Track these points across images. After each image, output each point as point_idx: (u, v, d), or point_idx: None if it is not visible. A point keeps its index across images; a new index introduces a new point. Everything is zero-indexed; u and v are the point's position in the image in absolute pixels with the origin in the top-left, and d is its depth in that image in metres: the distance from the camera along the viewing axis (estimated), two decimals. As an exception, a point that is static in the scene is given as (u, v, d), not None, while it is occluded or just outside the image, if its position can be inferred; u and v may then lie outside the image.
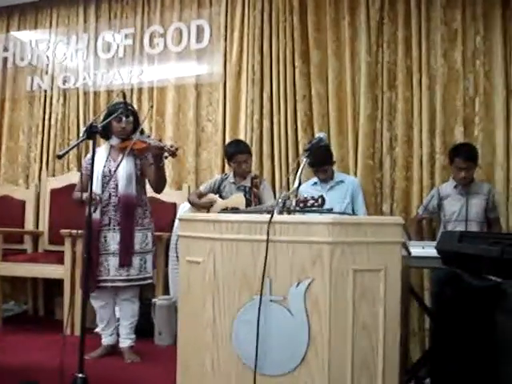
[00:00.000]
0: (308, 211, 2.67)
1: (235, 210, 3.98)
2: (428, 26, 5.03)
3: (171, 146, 3.89)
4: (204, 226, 2.62)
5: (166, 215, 5.29)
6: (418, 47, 5.03)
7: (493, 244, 2.62)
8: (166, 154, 3.89)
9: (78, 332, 4.27)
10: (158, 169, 4.02)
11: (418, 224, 4.76)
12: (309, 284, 2.39)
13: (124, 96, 4.08)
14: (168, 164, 5.68)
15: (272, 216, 2.41)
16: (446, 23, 5.02)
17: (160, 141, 4.04)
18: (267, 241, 2.40)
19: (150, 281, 4.22)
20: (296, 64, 5.36)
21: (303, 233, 2.41)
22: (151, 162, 4.01)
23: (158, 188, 4.21)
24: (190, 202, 4.78)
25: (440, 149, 4.88)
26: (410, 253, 3.16)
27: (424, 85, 4.97)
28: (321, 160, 4.59)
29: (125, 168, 4.06)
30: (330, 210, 2.57)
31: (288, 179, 5.09)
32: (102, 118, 4.22)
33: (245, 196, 4.57)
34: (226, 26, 5.71)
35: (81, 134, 3.33)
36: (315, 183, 4.78)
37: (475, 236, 3.17)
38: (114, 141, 4.18)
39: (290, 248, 2.42)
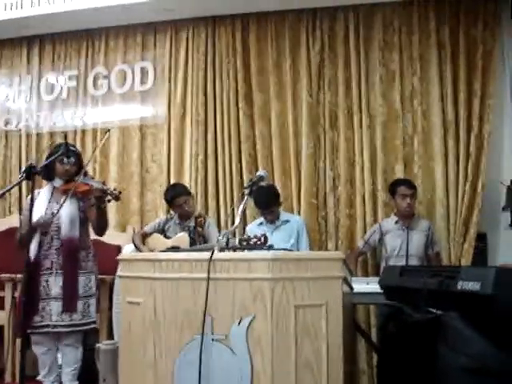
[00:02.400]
0: (250, 248, 2.66)
1: (176, 249, 3.95)
2: (367, 67, 5.20)
3: (114, 189, 3.85)
4: (144, 266, 2.59)
5: (109, 258, 5.14)
6: (357, 88, 5.17)
7: (432, 277, 2.66)
8: (108, 197, 3.84)
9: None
10: (99, 211, 3.96)
11: (356, 258, 4.82)
12: (250, 321, 2.37)
13: (65, 137, 4.03)
14: (112, 206, 5.56)
15: (212, 253, 2.40)
16: (385, 64, 5.19)
17: (103, 183, 4.00)
18: (208, 279, 2.38)
19: (93, 325, 4.11)
20: (239, 105, 5.42)
21: (244, 270, 2.40)
22: (93, 204, 3.95)
23: (100, 231, 4.14)
24: (133, 243, 4.71)
25: (381, 186, 4.99)
26: (352, 288, 3.18)
27: (364, 124, 5.10)
28: (268, 202, 4.62)
29: (68, 210, 3.97)
30: (270, 247, 2.57)
31: (233, 215, 5.07)
32: (44, 159, 4.15)
33: (189, 235, 4.54)
34: (170, 68, 5.74)
35: (19, 175, 3.26)
36: (261, 223, 4.79)
37: (416, 270, 3.23)
38: (57, 182, 4.10)
39: (231, 285, 2.41)
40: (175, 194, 4.66)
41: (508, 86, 5.08)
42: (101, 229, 4.13)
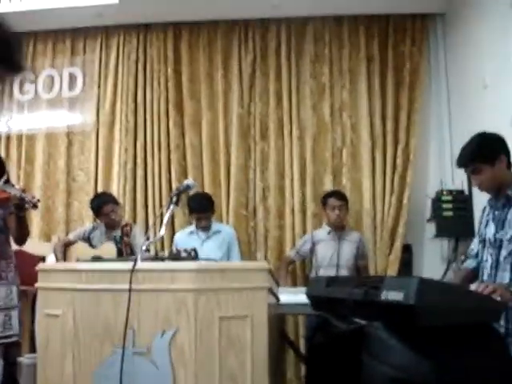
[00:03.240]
0: (175, 259, 2.60)
1: (98, 259, 3.83)
2: (298, 80, 5.25)
3: (33, 197, 3.70)
4: (63, 277, 2.50)
5: (33, 269, 4.99)
6: (288, 99, 5.22)
7: (357, 287, 2.67)
8: (26, 205, 3.69)
9: None
10: (19, 220, 3.81)
11: (286, 267, 4.82)
12: (173, 334, 2.31)
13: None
14: (37, 214, 5.43)
15: (135, 264, 2.33)
16: (315, 77, 5.26)
17: (23, 191, 3.84)
18: (130, 290, 2.30)
19: (15, 339, 3.93)
20: (170, 114, 5.36)
21: (167, 280, 2.34)
22: (11, 212, 3.79)
23: (20, 240, 3.97)
24: (54, 253, 4.55)
25: (311, 197, 5.04)
26: (278, 299, 3.16)
27: (295, 136, 5.14)
28: (204, 205, 4.58)
29: None
30: (194, 250, 2.51)
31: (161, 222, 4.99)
32: None
33: (116, 245, 4.42)
34: (100, 74, 5.63)
35: None
36: (191, 232, 4.72)
37: (342, 280, 3.24)
38: None
39: (154, 297, 2.34)
40: (102, 202, 4.53)
41: (434, 100, 5.22)
42: (20, 238, 3.96)
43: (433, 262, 5.01)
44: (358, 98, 5.18)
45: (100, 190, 5.27)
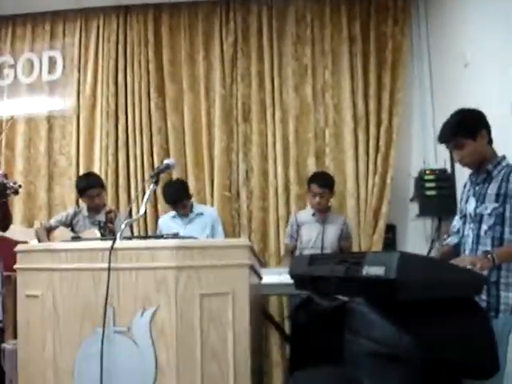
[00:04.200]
0: (153, 237, 2.58)
1: (76, 238, 3.80)
2: (280, 61, 5.22)
3: (14, 183, 3.66)
4: (42, 257, 2.47)
5: (15, 254, 4.96)
6: (270, 81, 5.19)
7: (339, 264, 2.66)
8: (8, 191, 3.65)
9: None
10: (0, 207, 3.77)
11: (290, 254, 4.70)
12: (154, 312, 2.30)
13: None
14: (18, 200, 5.37)
15: (114, 242, 2.31)
16: (297, 58, 5.23)
17: (5, 176, 3.79)
18: (109, 268, 2.29)
19: None
20: (151, 97, 5.32)
21: (147, 258, 2.33)
22: None
23: (2, 226, 3.94)
24: (37, 238, 4.50)
25: (294, 179, 5.03)
26: (260, 277, 3.16)
27: (277, 117, 5.12)
28: (178, 196, 4.53)
29: None
30: (175, 235, 2.50)
31: (139, 202, 4.96)
32: None
33: (100, 231, 4.38)
34: (80, 58, 5.55)
35: None
36: (174, 216, 4.69)
37: (324, 258, 3.24)
38: None
39: (133, 275, 2.32)
40: (89, 185, 4.47)
41: (417, 80, 5.22)
42: (3, 225, 3.93)
43: (416, 241, 5.03)
44: (340, 78, 5.16)
45: (81, 174, 5.20)
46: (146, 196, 2.71)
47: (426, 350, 2.18)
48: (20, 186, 3.67)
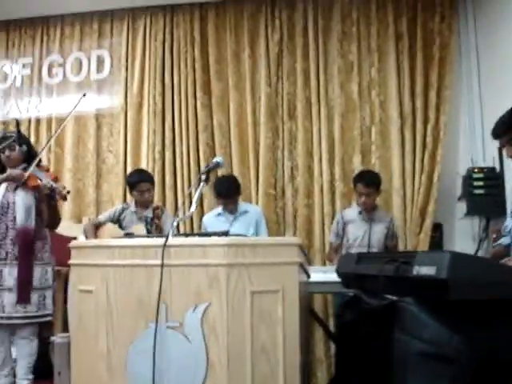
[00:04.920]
0: (204, 235, 2.62)
1: (129, 235, 3.87)
2: (325, 58, 5.21)
3: (63, 188, 3.75)
4: (96, 253, 2.53)
5: (65, 249, 5.06)
6: (316, 78, 5.18)
7: (388, 263, 2.65)
8: (57, 196, 3.75)
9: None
10: (50, 207, 3.86)
11: (336, 253, 4.62)
12: (205, 308, 2.33)
13: (17, 124, 3.90)
14: (68, 197, 5.50)
15: (167, 239, 2.34)
16: (343, 56, 5.20)
17: (55, 179, 3.88)
18: (162, 265, 2.33)
19: (49, 318, 4.01)
20: (197, 95, 5.37)
21: (199, 255, 2.36)
22: (42, 200, 3.86)
23: (51, 225, 4.03)
24: (84, 233, 4.59)
25: (340, 176, 5.01)
26: (308, 275, 3.16)
27: (323, 115, 5.11)
28: (229, 190, 4.56)
29: (24, 200, 3.86)
30: (225, 233, 2.52)
31: (190, 201, 5.00)
32: None
33: (146, 227, 4.45)
34: (127, 57, 5.65)
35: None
36: (219, 214, 4.72)
37: (372, 256, 3.23)
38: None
39: (185, 272, 2.36)
40: (140, 179, 4.53)
41: (464, 77, 5.14)
42: (52, 224, 4.03)
43: (463, 240, 4.95)
44: (386, 75, 5.12)
45: (129, 171, 5.28)
46: (197, 193, 2.74)
47: (476, 350, 2.16)
48: (68, 192, 3.76)
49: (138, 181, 4.52)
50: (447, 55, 5.04)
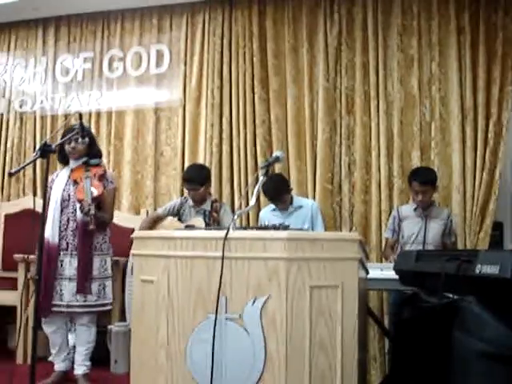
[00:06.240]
0: (264, 228, 2.63)
1: (191, 227, 3.92)
2: (385, 53, 5.13)
3: (89, 205, 3.84)
4: (158, 244, 2.57)
5: (123, 240, 5.16)
6: (375, 73, 5.11)
7: (449, 261, 2.62)
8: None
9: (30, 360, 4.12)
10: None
11: (392, 249, 4.61)
12: (265, 301, 2.35)
13: (80, 117, 3.99)
14: (126, 188, 5.66)
15: (228, 232, 2.37)
16: (403, 50, 5.12)
17: (94, 199, 3.93)
18: (222, 257, 2.35)
19: (109, 307, 4.13)
20: (255, 89, 5.38)
21: (259, 249, 2.37)
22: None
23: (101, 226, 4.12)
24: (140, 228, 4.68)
25: (398, 172, 4.94)
26: (367, 271, 3.15)
27: (381, 110, 5.05)
28: (276, 192, 4.56)
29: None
30: (286, 227, 2.53)
31: (247, 196, 5.04)
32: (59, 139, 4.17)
33: (204, 220, 4.50)
34: (186, 51, 5.72)
35: (33, 154, 3.27)
36: (274, 209, 4.74)
37: (432, 254, 3.19)
38: (73, 164, 4.12)
39: (245, 264, 2.38)
40: (185, 179, 4.63)
41: (528, 72, 5.00)
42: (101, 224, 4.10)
43: (525, 240, 4.85)
44: (447, 70, 5.01)
45: (187, 164, 5.34)
46: (256, 188, 2.75)
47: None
48: (89, 210, 3.83)
49: (183, 180, 4.60)
50: (510, 50, 4.89)
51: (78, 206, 3.92)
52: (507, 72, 4.87)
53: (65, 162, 4.18)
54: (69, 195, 4.00)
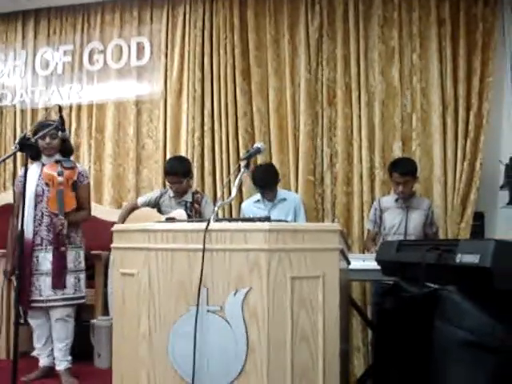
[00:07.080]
0: (246, 220, 2.62)
1: (171, 220, 3.89)
2: (366, 44, 5.15)
3: (62, 224, 3.87)
4: (138, 236, 2.54)
5: (105, 234, 5.11)
6: (356, 65, 5.13)
7: (430, 251, 2.63)
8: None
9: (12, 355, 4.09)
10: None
11: (372, 241, 4.65)
12: (246, 293, 2.33)
13: (60, 109, 3.90)
14: (108, 182, 5.63)
15: (208, 224, 2.35)
16: (384, 41, 5.14)
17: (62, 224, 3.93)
18: (203, 249, 2.33)
19: (83, 300, 4.10)
20: (237, 81, 5.37)
21: (240, 240, 2.36)
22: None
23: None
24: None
25: (379, 164, 4.97)
26: (348, 261, 3.15)
27: (363, 101, 5.07)
28: (267, 180, 4.56)
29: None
30: (267, 218, 2.52)
31: (229, 187, 5.01)
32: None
33: (186, 211, 4.47)
34: (167, 43, 5.69)
35: (12, 147, 3.23)
36: (258, 201, 4.73)
37: (413, 244, 3.20)
38: (46, 160, 4.05)
39: (226, 256, 2.36)
40: (168, 172, 4.56)
41: (508, 63, 5.03)
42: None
43: (505, 230, 4.87)
44: (428, 61, 5.03)
45: (168, 157, 5.31)
46: (238, 179, 2.74)
47: (520, 340, 2.13)
48: (62, 225, 3.91)
49: (166, 172, 4.55)
50: (490, 41, 4.93)
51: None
52: (487, 63, 4.90)
53: (37, 158, 4.08)
54: (42, 190, 3.95)
